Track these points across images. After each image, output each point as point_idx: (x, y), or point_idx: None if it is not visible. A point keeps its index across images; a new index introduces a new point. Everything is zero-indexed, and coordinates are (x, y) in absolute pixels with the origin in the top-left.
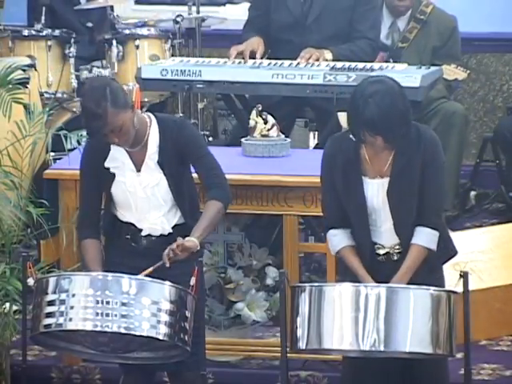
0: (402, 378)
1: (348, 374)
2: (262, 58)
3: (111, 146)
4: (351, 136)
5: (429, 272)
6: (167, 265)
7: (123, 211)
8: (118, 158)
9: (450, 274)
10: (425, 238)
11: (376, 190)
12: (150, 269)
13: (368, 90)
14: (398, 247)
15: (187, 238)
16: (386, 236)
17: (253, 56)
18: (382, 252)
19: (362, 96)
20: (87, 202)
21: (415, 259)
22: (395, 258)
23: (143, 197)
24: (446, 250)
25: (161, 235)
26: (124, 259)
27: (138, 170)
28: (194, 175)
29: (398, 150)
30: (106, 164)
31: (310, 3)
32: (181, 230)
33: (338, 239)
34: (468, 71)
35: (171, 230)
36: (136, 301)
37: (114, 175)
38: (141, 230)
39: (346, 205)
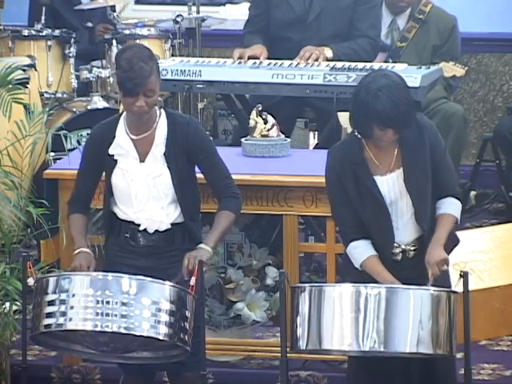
0: (407, 378)
1: (353, 373)
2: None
3: (116, 133)
4: (356, 133)
5: None
6: (186, 278)
7: (122, 206)
8: (122, 146)
9: (450, 273)
10: (450, 206)
11: (391, 185)
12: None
13: (374, 84)
14: (412, 244)
15: (201, 246)
16: (402, 232)
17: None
18: (397, 251)
19: (370, 91)
20: (83, 182)
21: (447, 224)
22: (411, 255)
23: (144, 185)
24: (451, 238)
25: (159, 232)
26: (124, 259)
27: (142, 161)
28: (198, 175)
29: (402, 141)
30: (110, 151)
31: (311, 1)
32: (180, 229)
33: (361, 251)
34: (466, 68)
35: (170, 226)
36: (136, 301)
37: (116, 162)
38: (139, 226)
39: (362, 210)
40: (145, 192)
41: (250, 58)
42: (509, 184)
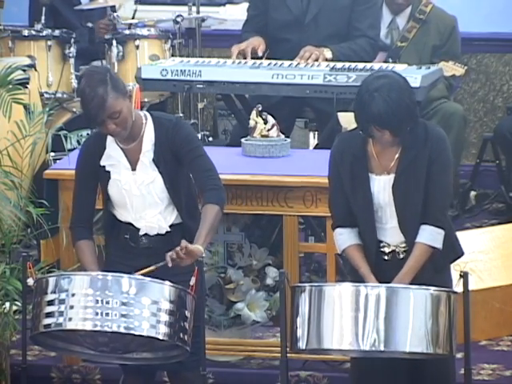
0: (409, 378)
1: (356, 374)
2: (263, 55)
3: (106, 144)
4: (360, 131)
5: (435, 273)
6: (169, 265)
7: (121, 210)
8: (113, 156)
9: (451, 274)
10: (429, 236)
11: (382, 187)
12: (152, 267)
13: (374, 84)
14: (403, 245)
15: (192, 245)
16: (391, 234)
17: (254, 53)
18: (387, 250)
19: (368, 91)
20: (81, 201)
21: (419, 258)
22: (401, 256)
23: (138, 195)
24: (453, 250)
25: (159, 234)
26: (124, 259)
27: (134, 169)
28: None
29: (404, 145)
30: (102, 162)
31: (308, 2)
32: (179, 229)
33: (345, 238)
34: (465, 67)
35: (169, 229)
36: (136, 300)
37: (109, 173)
38: (139, 230)
39: (352, 202)
40: (140, 201)
41: (250, 53)
42: (509, 184)
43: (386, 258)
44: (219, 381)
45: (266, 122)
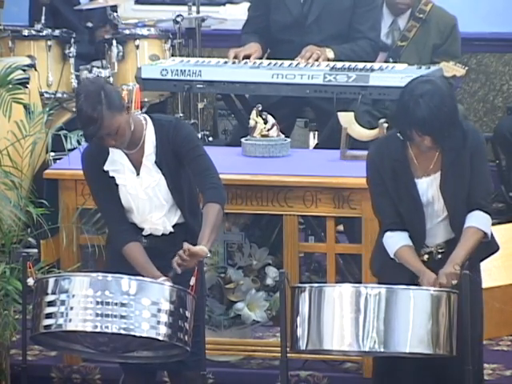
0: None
1: (380, 373)
2: (262, 57)
3: (110, 148)
4: (398, 135)
5: (470, 267)
6: (178, 271)
7: (125, 213)
8: (117, 161)
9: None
10: (477, 219)
11: (425, 189)
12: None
13: (418, 90)
14: (441, 247)
15: (196, 247)
16: (430, 234)
17: (247, 59)
18: (426, 251)
19: (412, 96)
20: (110, 208)
21: (469, 239)
22: (439, 256)
23: (145, 198)
24: (488, 245)
25: (163, 234)
26: (126, 259)
27: (138, 173)
28: None
29: (444, 147)
30: (106, 167)
31: (310, 3)
32: (182, 228)
33: (395, 240)
34: (466, 68)
35: (172, 229)
36: (136, 301)
37: (114, 179)
38: (142, 230)
39: (398, 205)
40: (146, 204)
41: (244, 57)
42: (509, 184)
43: (423, 259)
44: (219, 381)
45: (265, 122)
